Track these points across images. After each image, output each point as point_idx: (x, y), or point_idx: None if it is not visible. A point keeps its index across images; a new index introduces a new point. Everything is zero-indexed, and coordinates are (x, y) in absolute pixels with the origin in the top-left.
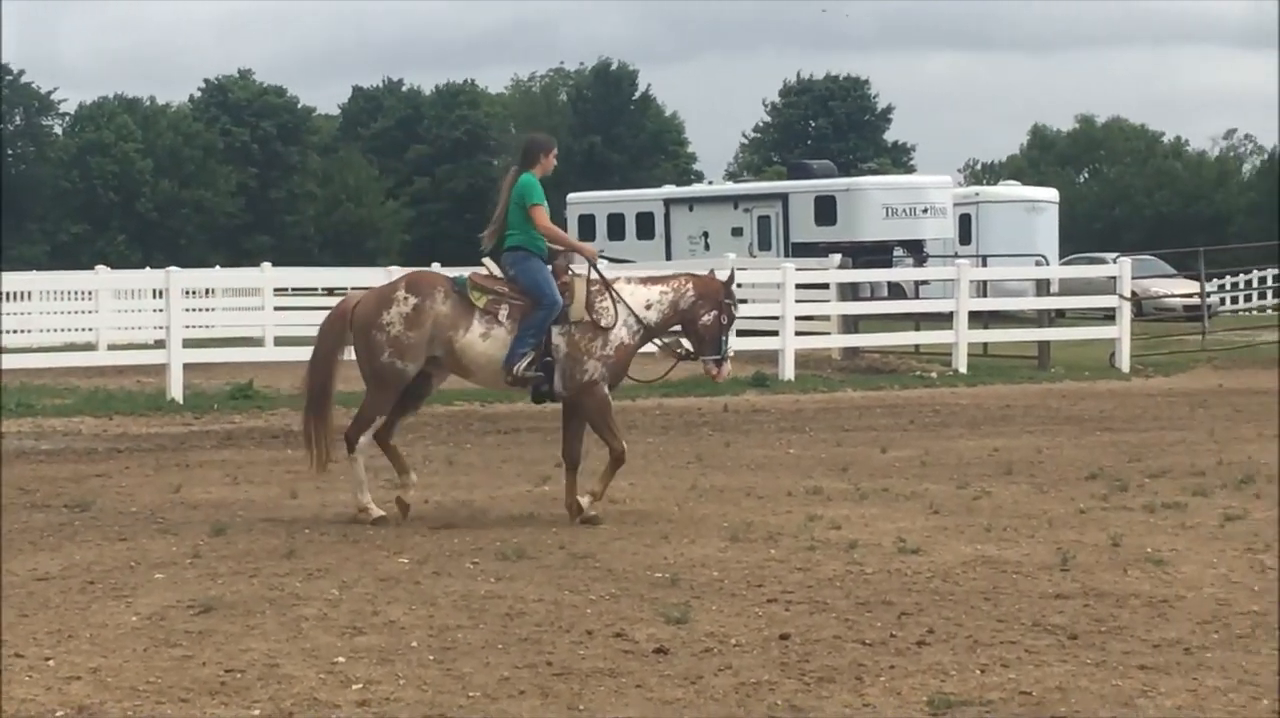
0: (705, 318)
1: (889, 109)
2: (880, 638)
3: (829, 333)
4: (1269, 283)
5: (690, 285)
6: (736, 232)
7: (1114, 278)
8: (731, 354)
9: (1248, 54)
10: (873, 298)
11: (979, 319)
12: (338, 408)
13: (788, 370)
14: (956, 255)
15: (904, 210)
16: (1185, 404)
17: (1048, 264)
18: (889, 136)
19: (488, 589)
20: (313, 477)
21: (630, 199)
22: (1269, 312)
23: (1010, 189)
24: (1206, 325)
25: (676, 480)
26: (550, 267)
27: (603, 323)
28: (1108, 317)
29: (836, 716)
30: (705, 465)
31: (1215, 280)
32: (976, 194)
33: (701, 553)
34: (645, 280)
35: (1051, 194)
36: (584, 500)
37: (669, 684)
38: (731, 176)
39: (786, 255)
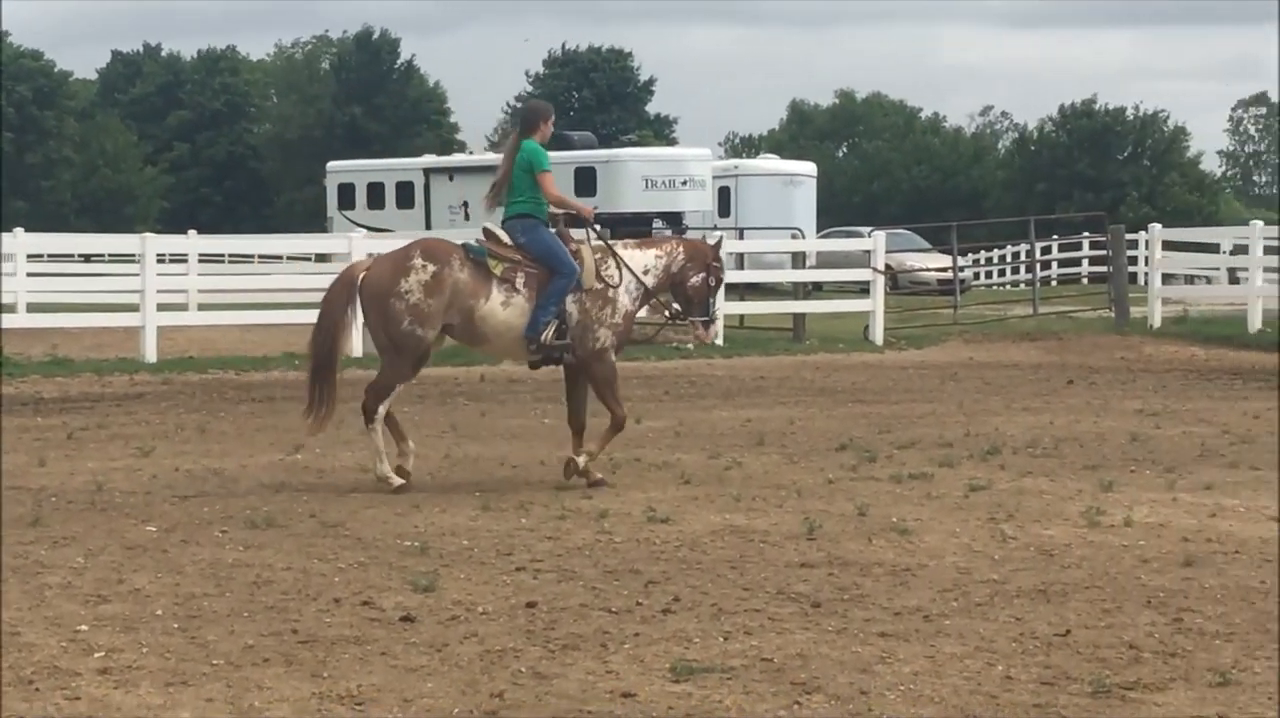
0: (694, 280)
1: (651, 82)
2: (626, 606)
3: None
4: (1021, 258)
5: (681, 249)
6: None
7: (869, 252)
8: (718, 316)
9: (1007, 33)
10: None
11: (736, 291)
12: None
13: None
14: (715, 228)
15: (663, 182)
16: (936, 377)
17: (804, 237)
18: (651, 109)
19: (235, 558)
20: (62, 444)
21: (390, 168)
22: (1021, 287)
23: (769, 163)
24: (959, 300)
25: (430, 450)
26: (554, 232)
27: (610, 290)
28: (863, 290)
29: (579, 682)
30: (460, 435)
31: (970, 255)
32: (735, 167)
33: (452, 522)
34: (640, 245)
35: (809, 168)
36: (581, 460)
37: (414, 652)
38: (494, 147)
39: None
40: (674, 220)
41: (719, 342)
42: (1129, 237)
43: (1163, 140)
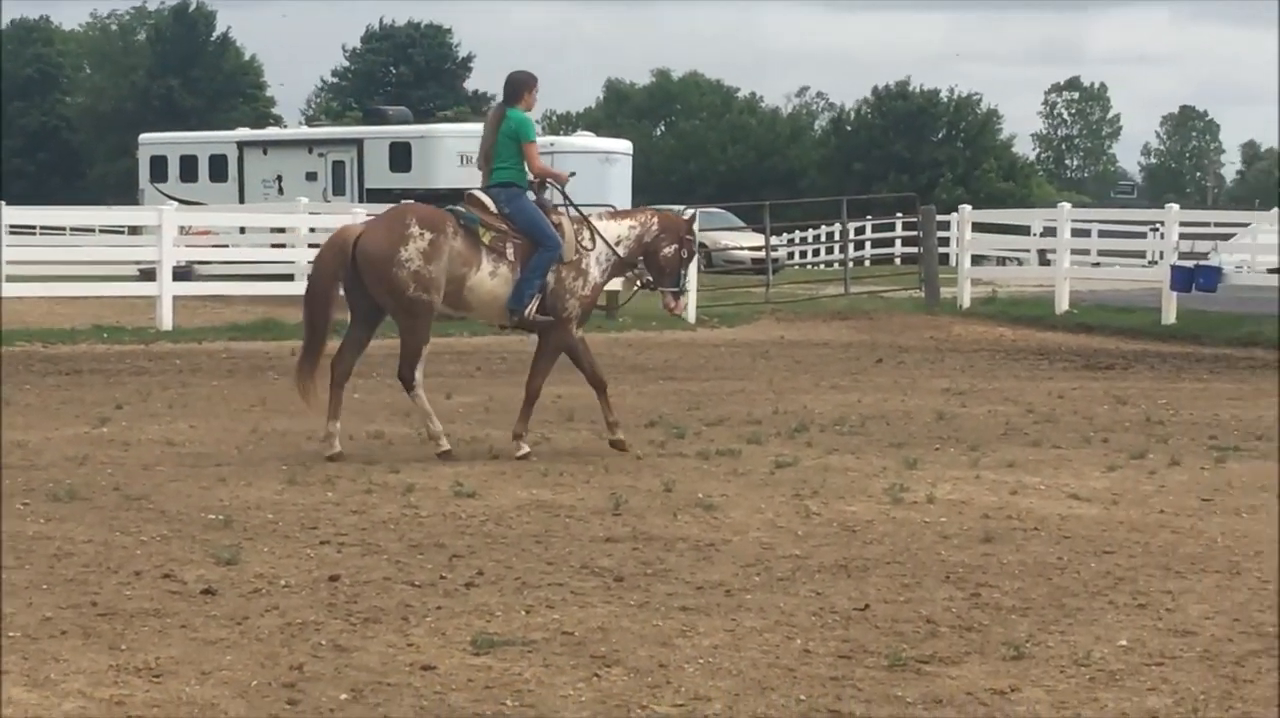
0: (666, 251)
1: (470, 58)
2: (430, 580)
3: None
4: (834, 238)
5: (655, 220)
6: (311, 176)
7: None
8: (688, 289)
9: (825, 14)
10: None
11: None
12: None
13: None
14: None
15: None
16: (747, 355)
17: None
18: (469, 85)
19: (36, 530)
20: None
21: (203, 141)
22: (834, 266)
23: (584, 140)
24: (771, 278)
25: (238, 423)
26: (535, 201)
27: (584, 262)
28: None
29: (379, 655)
30: (269, 409)
31: (784, 235)
32: (551, 144)
33: (258, 495)
34: (614, 216)
35: (625, 146)
36: (524, 444)
37: (214, 625)
38: (309, 121)
39: (361, 201)
40: None
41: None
42: (941, 218)
43: (976, 123)
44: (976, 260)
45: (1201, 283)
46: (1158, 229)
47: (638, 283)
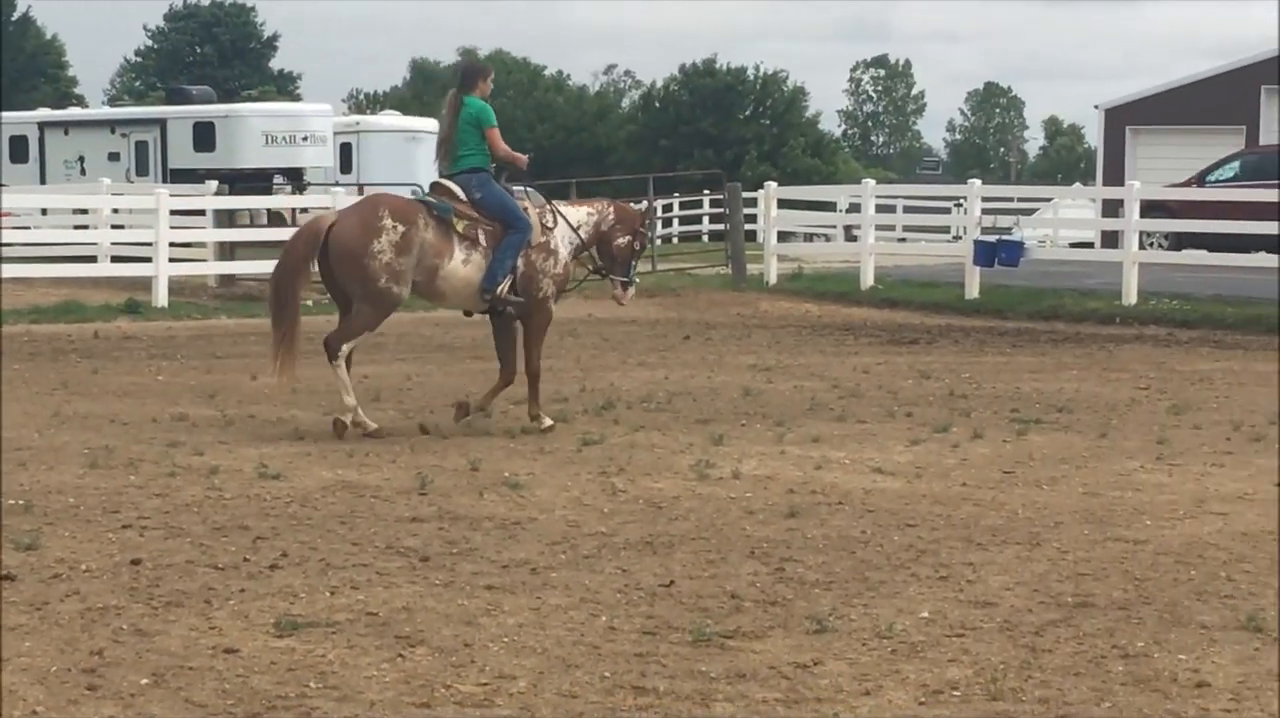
0: (620, 240)
1: (275, 38)
2: (233, 562)
3: (205, 260)
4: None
5: (611, 209)
6: (114, 156)
7: None
8: (637, 281)
9: None
10: (251, 225)
11: None
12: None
13: (161, 297)
14: (337, 183)
15: (284, 138)
16: (554, 333)
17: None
18: (275, 65)
19: None
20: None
21: (3, 122)
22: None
23: (391, 119)
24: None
25: (39, 407)
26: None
27: (552, 243)
28: None
29: (181, 639)
30: (70, 392)
31: None
32: (357, 123)
33: (59, 479)
34: (573, 203)
35: (432, 124)
36: (545, 418)
37: (14, 611)
38: (112, 102)
39: (165, 181)
40: (295, 176)
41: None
42: (747, 194)
43: (783, 100)
44: (783, 237)
45: (1004, 257)
46: (961, 204)
47: (589, 267)
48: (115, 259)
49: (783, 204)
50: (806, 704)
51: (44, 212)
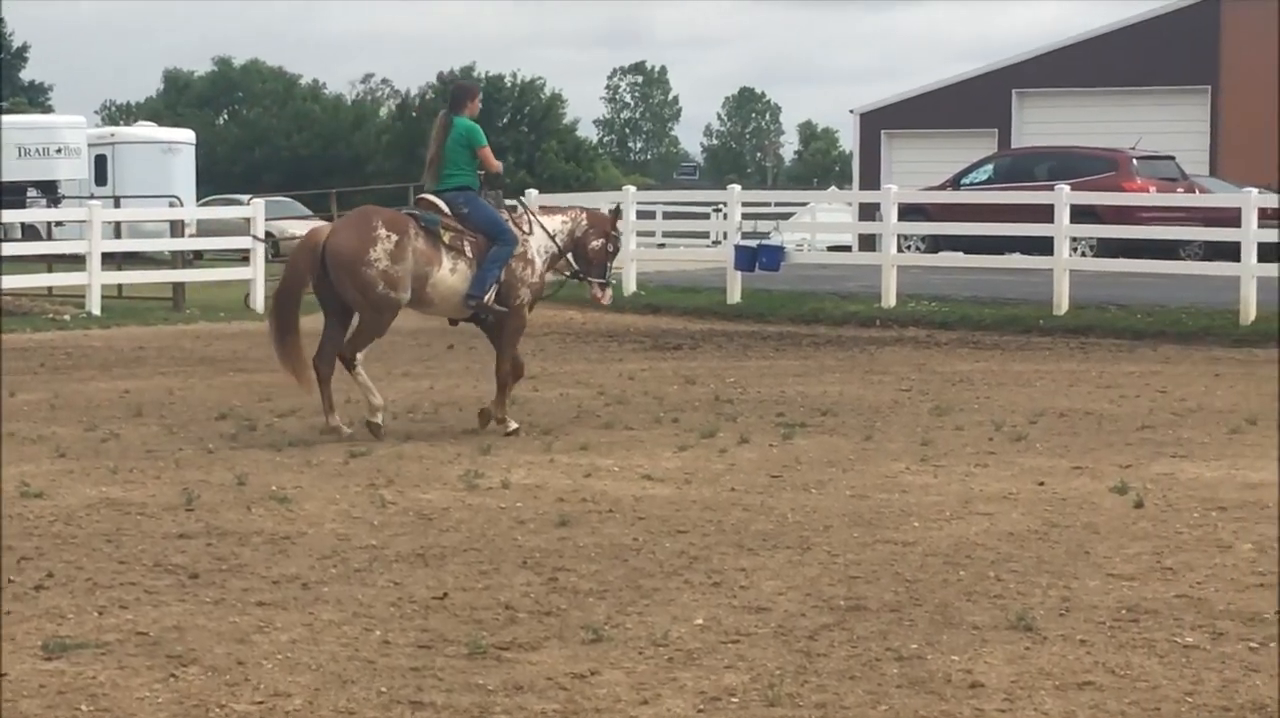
0: (594, 244)
1: (25, 48)
2: None
3: None
4: None
5: (584, 216)
6: None
7: (249, 219)
8: (613, 282)
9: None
10: (5, 239)
11: (113, 260)
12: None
13: None
14: (92, 196)
15: (37, 151)
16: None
17: (183, 205)
18: (25, 75)
19: None
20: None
21: None
22: None
23: (146, 130)
24: None
25: None
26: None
27: (529, 253)
28: (244, 258)
29: None
30: None
31: None
32: (112, 135)
33: None
34: (547, 212)
35: (188, 135)
36: (510, 422)
37: None
38: None
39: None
40: (49, 189)
41: (95, 311)
42: (507, 201)
43: (540, 107)
44: None
45: (765, 262)
46: (720, 210)
47: (566, 273)
48: None
49: (543, 211)
50: (585, 715)
51: None
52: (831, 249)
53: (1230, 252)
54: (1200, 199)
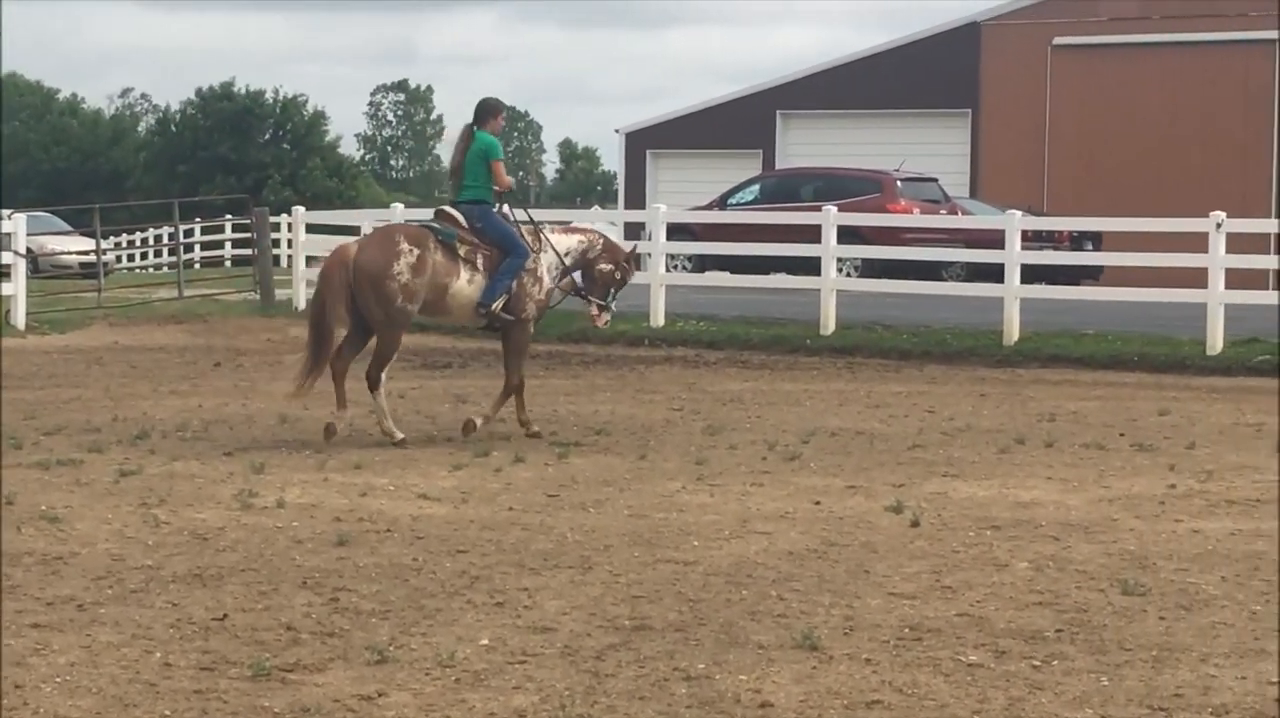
0: (603, 267)
1: None
2: None
3: None
4: (165, 241)
5: (601, 240)
6: None
7: (9, 234)
8: (614, 309)
9: (146, 13)
10: None
11: None
12: None
13: None
14: None
15: None
16: (81, 361)
17: None
18: None
19: None
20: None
21: None
22: (165, 269)
23: None
24: (102, 283)
25: None
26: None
27: (539, 269)
28: (3, 274)
29: None
30: None
31: (113, 238)
32: None
33: None
34: (565, 230)
35: None
36: (478, 421)
37: None
38: None
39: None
40: None
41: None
42: (272, 219)
43: (303, 124)
44: (310, 261)
45: None
46: None
47: (570, 291)
48: None
49: (310, 228)
50: None
51: None
52: None
53: (992, 273)
54: (964, 221)
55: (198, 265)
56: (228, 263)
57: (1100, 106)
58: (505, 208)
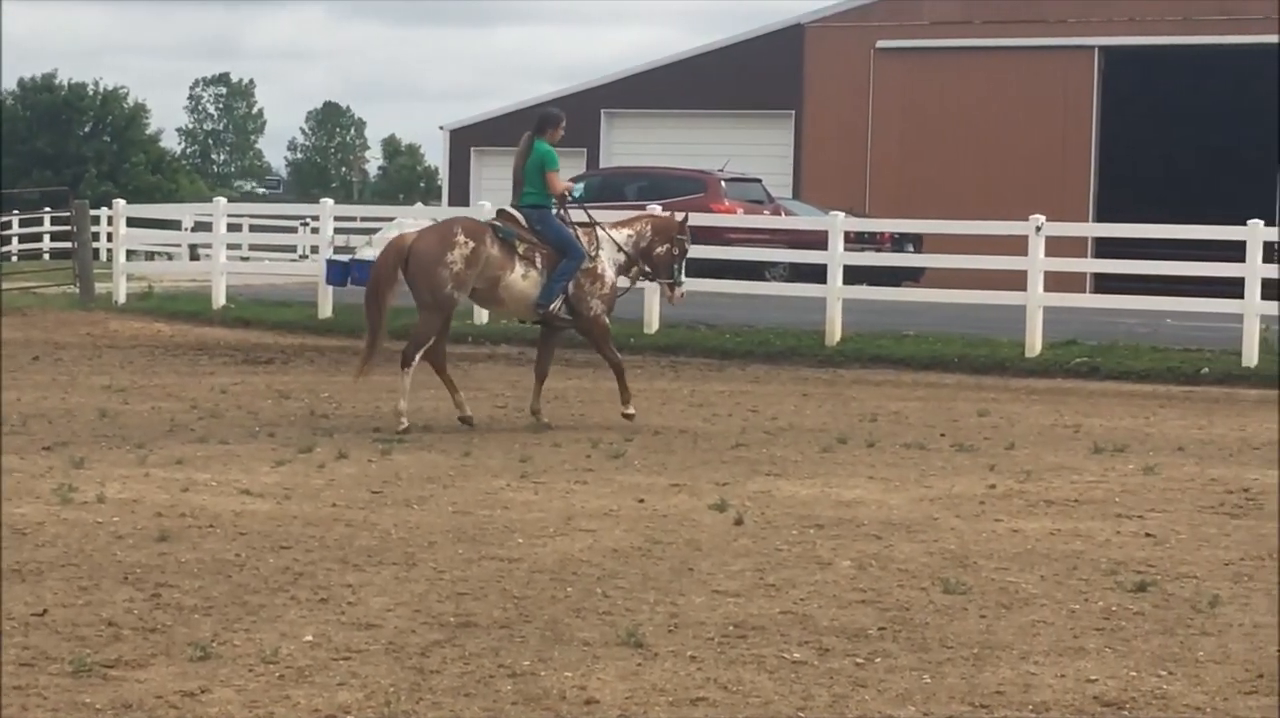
0: (659, 250)
1: None
2: None
3: None
4: None
5: (649, 226)
6: None
7: None
8: (684, 281)
9: None
10: None
11: None
12: None
13: None
14: None
15: None
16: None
17: None
18: None
19: None
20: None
21: None
22: None
23: None
24: None
25: None
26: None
27: (599, 267)
28: None
29: None
30: None
31: None
32: None
33: None
34: (616, 225)
35: None
36: (629, 411)
37: None
38: None
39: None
40: None
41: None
42: (92, 213)
43: (123, 117)
44: (130, 255)
45: (358, 276)
46: (308, 224)
47: (640, 278)
48: None
49: (131, 222)
50: None
51: None
52: None
53: (815, 274)
54: (787, 221)
55: (15, 258)
56: (46, 256)
57: (922, 110)
58: (563, 211)
